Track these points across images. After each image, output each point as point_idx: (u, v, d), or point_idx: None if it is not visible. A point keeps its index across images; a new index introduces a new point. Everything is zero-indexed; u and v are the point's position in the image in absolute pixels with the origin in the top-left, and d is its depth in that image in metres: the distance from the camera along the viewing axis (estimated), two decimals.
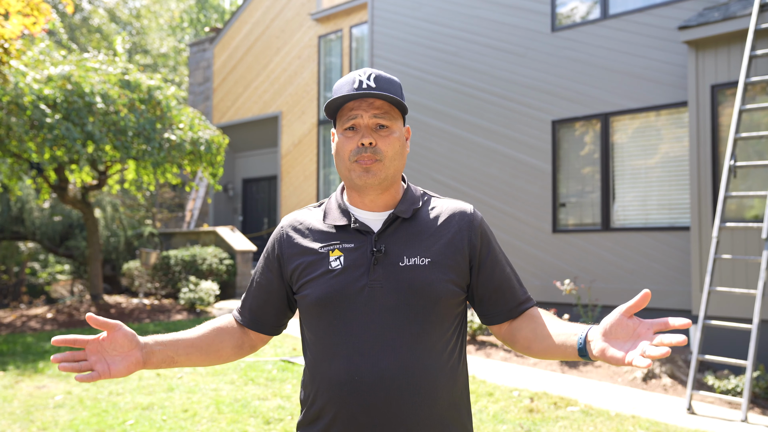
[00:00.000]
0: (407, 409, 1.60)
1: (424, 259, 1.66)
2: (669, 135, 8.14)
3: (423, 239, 1.69)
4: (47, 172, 10.82)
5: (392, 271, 1.64)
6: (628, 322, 1.43)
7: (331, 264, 1.68)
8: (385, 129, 1.68)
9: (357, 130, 1.68)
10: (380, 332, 1.62)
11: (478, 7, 9.94)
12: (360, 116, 1.67)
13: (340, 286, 1.65)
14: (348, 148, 1.68)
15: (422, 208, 1.76)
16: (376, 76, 1.68)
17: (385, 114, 1.68)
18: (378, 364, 1.60)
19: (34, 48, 10.11)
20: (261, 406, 5.54)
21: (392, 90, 1.70)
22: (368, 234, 1.69)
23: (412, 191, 1.78)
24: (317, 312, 1.68)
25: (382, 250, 1.66)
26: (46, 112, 8.96)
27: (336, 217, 1.74)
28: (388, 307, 1.63)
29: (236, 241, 12.80)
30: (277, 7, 15.76)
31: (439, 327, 1.66)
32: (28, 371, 6.99)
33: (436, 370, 1.64)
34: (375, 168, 1.66)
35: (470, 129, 9.88)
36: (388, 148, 1.67)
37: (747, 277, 6.81)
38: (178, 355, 1.71)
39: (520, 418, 5.19)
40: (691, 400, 5.58)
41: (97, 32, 26.91)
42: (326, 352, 1.66)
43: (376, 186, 1.68)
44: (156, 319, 10.23)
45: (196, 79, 18.20)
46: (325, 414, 1.65)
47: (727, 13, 7.21)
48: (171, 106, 10.67)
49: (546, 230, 8.96)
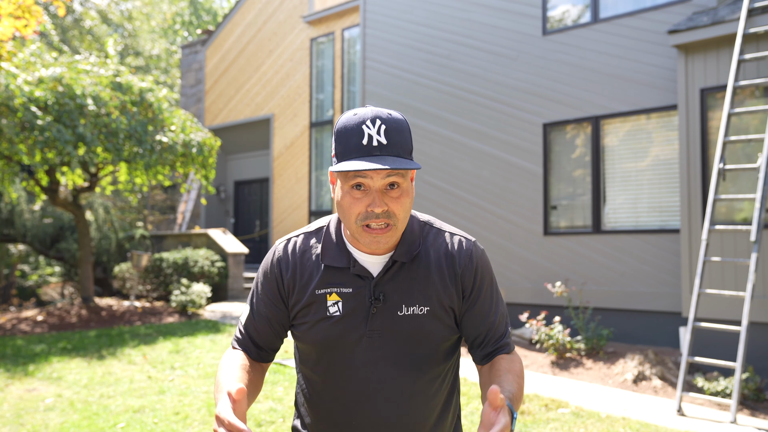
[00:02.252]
0: None
1: (423, 308, 1.61)
2: (659, 138, 8.18)
3: (422, 286, 1.63)
4: (38, 175, 10.78)
5: (391, 321, 1.60)
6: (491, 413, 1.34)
7: (329, 309, 1.62)
8: (396, 189, 1.53)
9: (366, 192, 1.52)
10: (378, 381, 1.61)
11: (471, 10, 9.97)
12: (370, 177, 1.51)
13: (338, 335, 1.61)
14: (356, 211, 1.53)
15: (422, 248, 1.67)
16: (386, 128, 1.51)
17: (397, 173, 1.52)
18: (376, 413, 1.61)
19: (25, 50, 10.07)
20: (253, 409, 5.54)
21: (403, 141, 1.54)
22: (367, 279, 1.62)
23: (412, 230, 1.67)
24: (314, 354, 1.66)
25: (380, 299, 1.60)
26: (37, 114, 8.92)
27: (334, 257, 1.65)
28: (386, 356, 1.61)
29: (228, 244, 12.78)
30: (269, 10, 15.76)
31: (437, 369, 1.66)
32: (18, 374, 6.96)
33: (434, 415, 1.67)
34: (387, 235, 1.54)
35: (462, 132, 9.91)
36: (400, 211, 1.54)
37: (736, 279, 6.86)
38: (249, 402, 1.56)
39: None
40: (680, 402, 5.61)
41: (89, 34, 26.82)
42: (324, 393, 1.66)
43: (387, 249, 1.61)
44: (147, 322, 10.20)
45: (188, 81, 18.16)
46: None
47: (716, 17, 7.26)
48: (163, 108, 10.65)
49: (537, 233, 8.99)
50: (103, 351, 8.05)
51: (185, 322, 10.15)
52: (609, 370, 6.83)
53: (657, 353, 6.97)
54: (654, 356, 6.80)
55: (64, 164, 10.14)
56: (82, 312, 10.77)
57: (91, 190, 11.50)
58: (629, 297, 8.09)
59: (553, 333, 7.23)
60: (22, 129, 8.92)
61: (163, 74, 28.76)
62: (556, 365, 7.11)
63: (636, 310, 8.05)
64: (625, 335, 7.99)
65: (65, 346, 8.34)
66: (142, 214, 17.84)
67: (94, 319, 10.42)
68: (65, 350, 8.13)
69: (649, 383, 6.40)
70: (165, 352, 7.86)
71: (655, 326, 7.85)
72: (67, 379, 6.72)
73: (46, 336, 9.17)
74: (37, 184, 10.88)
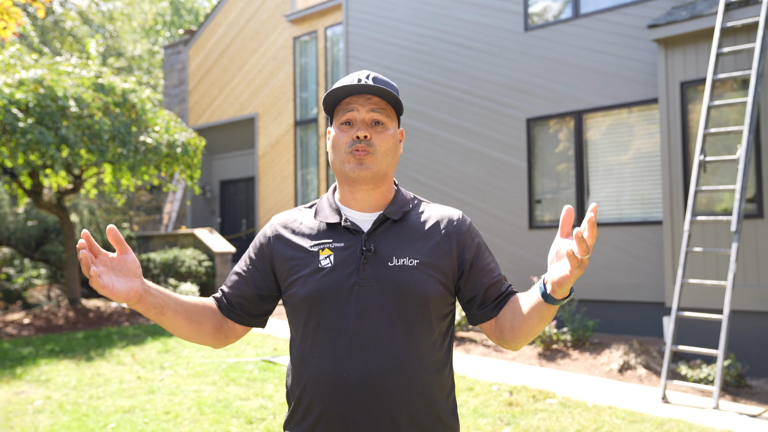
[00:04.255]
0: (394, 406, 1.61)
1: (412, 260, 1.67)
2: (641, 131, 8.27)
3: (412, 241, 1.71)
4: (21, 177, 10.71)
5: (381, 271, 1.66)
6: (565, 242, 1.50)
7: (321, 262, 1.68)
8: (380, 125, 1.72)
9: (353, 124, 1.71)
10: (369, 331, 1.63)
11: (453, 7, 10.02)
12: (356, 110, 1.71)
13: (330, 284, 1.66)
14: (343, 141, 1.71)
15: (412, 211, 1.79)
16: (374, 77, 1.73)
17: (381, 110, 1.73)
18: (366, 363, 1.61)
19: (4, 52, 10.00)
20: (243, 407, 5.56)
21: (390, 89, 1.74)
22: (358, 233, 1.70)
23: (402, 194, 1.81)
24: (306, 310, 1.68)
25: (371, 250, 1.67)
26: (19, 116, 8.86)
27: (327, 215, 1.76)
28: (376, 305, 1.64)
29: (215, 243, 12.76)
30: (251, 9, 15.72)
31: (427, 327, 1.67)
32: (5, 377, 6.92)
33: (424, 370, 1.66)
34: (368, 160, 1.68)
35: (447, 128, 9.95)
36: (381, 143, 1.71)
37: (717, 269, 6.95)
38: (168, 308, 1.65)
39: (500, 411, 5.26)
40: (665, 390, 5.69)
41: (70, 35, 26.60)
42: (314, 350, 1.66)
43: (368, 180, 1.70)
44: (135, 322, 10.17)
45: (171, 82, 18.08)
46: (312, 411, 1.66)
47: (694, 12, 7.35)
48: (146, 109, 10.61)
49: (522, 226, 9.06)
50: (91, 352, 8.02)
51: None
52: (595, 360, 6.91)
53: (641, 343, 7.06)
54: (638, 346, 6.89)
55: (47, 166, 10.07)
56: (70, 314, 10.72)
57: (75, 192, 11.43)
58: (613, 288, 8.18)
59: None
60: (3, 131, 8.86)
61: (146, 75, 28.59)
62: (543, 357, 7.18)
63: (620, 301, 8.15)
64: (610, 326, 8.08)
65: (53, 348, 8.30)
66: (127, 215, 17.75)
67: (81, 320, 10.37)
68: (53, 352, 8.10)
69: (634, 372, 6.48)
70: (154, 352, 7.85)
71: (639, 316, 7.94)
72: (55, 381, 6.70)
73: (33, 339, 9.12)
74: (20, 186, 10.80)
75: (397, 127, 1.78)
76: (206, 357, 7.53)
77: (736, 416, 5.23)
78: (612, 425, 4.87)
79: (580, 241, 1.38)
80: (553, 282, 1.49)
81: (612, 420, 5.00)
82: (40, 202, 10.92)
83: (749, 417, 5.23)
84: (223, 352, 7.72)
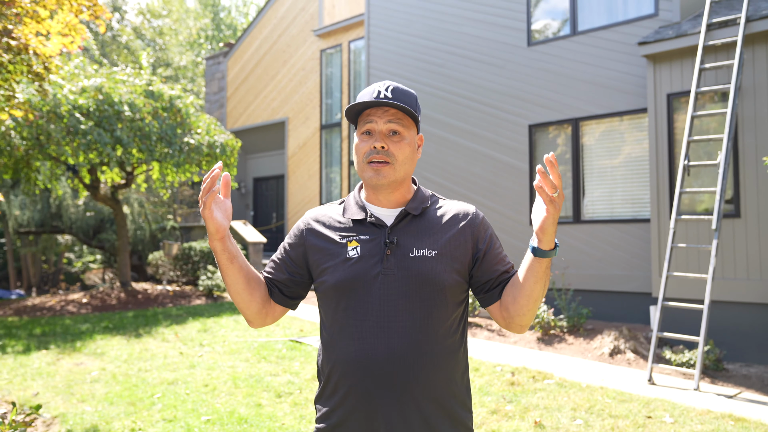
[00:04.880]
0: (414, 382, 1.60)
1: (431, 251, 1.66)
2: (631, 138, 8.15)
3: (431, 234, 1.69)
4: (82, 173, 10.78)
5: (403, 261, 1.64)
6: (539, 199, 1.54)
7: (348, 253, 1.68)
8: (397, 135, 1.69)
9: (372, 135, 1.69)
10: (392, 315, 1.62)
11: (463, 24, 9.92)
12: (375, 121, 1.68)
13: (357, 273, 1.65)
14: (363, 150, 1.69)
15: (430, 207, 1.76)
16: (393, 88, 1.69)
17: (398, 121, 1.68)
18: (389, 343, 1.60)
19: (70, 63, 10.05)
20: (273, 381, 5.55)
21: (407, 101, 1.70)
22: (382, 227, 1.69)
23: (422, 192, 1.79)
24: (335, 296, 1.68)
25: (394, 242, 1.66)
26: (81, 119, 8.92)
27: (354, 212, 1.74)
28: (399, 292, 1.63)
29: (248, 234, 12.78)
30: (283, 25, 15.68)
31: (444, 312, 1.66)
32: (67, 350, 6.98)
33: (441, 350, 1.64)
34: (385, 170, 1.66)
35: (456, 132, 9.87)
36: (398, 153, 1.68)
37: (699, 263, 6.85)
38: (237, 260, 1.67)
39: (503, 390, 5.21)
40: (651, 372, 5.61)
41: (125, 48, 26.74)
42: (342, 333, 1.66)
43: (386, 186, 1.69)
44: (178, 304, 10.22)
45: (211, 89, 18.11)
46: (341, 388, 1.65)
47: (680, 31, 7.22)
48: (190, 114, 10.63)
49: (524, 222, 8.97)
50: (140, 330, 8.07)
51: (211, 304, 10.17)
52: (588, 345, 6.83)
53: (630, 329, 6.97)
54: (628, 332, 6.81)
55: (103, 164, 10.13)
56: (121, 295, 10.80)
57: (127, 187, 11.49)
58: (605, 279, 8.08)
59: (539, 312, 7.23)
60: (68, 133, 8.92)
61: (190, 83, 28.67)
62: (541, 341, 7.12)
63: (612, 291, 8.05)
64: (602, 314, 7.99)
65: (107, 326, 8.37)
66: (171, 207, 17.84)
67: (131, 301, 10.44)
68: (107, 329, 8.16)
69: (624, 356, 6.40)
70: (194, 331, 7.88)
71: (628, 305, 7.85)
72: (109, 355, 6.74)
73: (90, 316, 9.20)
74: (81, 181, 10.88)
75: (416, 134, 1.74)
76: (240, 336, 7.54)
77: (714, 397, 5.14)
78: (604, 404, 4.81)
79: (543, 175, 1.43)
80: (536, 230, 1.51)
81: (603, 399, 4.93)
82: (97, 195, 10.99)
83: (726, 398, 5.15)
84: (255, 332, 7.73)
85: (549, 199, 1.46)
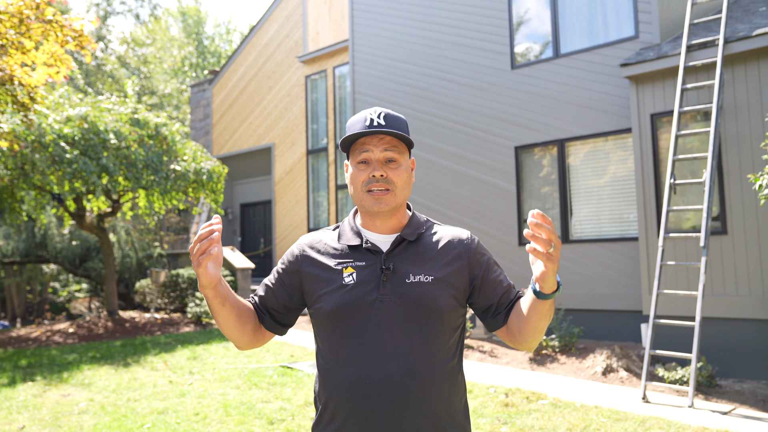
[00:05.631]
0: (413, 408, 1.58)
1: (428, 277, 1.65)
2: (616, 157, 8.23)
3: (426, 260, 1.68)
4: (67, 202, 10.68)
5: (400, 287, 1.63)
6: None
7: (344, 279, 1.66)
8: (394, 162, 1.68)
9: (369, 164, 1.68)
10: (389, 341, 1.60)
11: (446, 48, 10.03)
12: (371, 150, 1.67)
13: (353, 300, 1.63)
14: (360, 179, 1.68)
15: (425, 232, 1.76)
16: (385, 114, 1.69)
17: (393, 148, 1.68)
18: (387, 369, 1.58)
19: (55, 93, 10.01)
20: (265, 408, 5.47)
21: (400, 127, 1.70)
22: (378, 253, 1.68)
23: (417, 217, 1.78)
24: (331, 322, 1.66)
25: (390, 268, 1.65)
26: (66, 148, 8.86)
27: (349, 238, 1.73)
28: (395, 318, 1.61)
29: (236, 260, 12.68)
30: (268, 51, 15.78)
31: (441, 337, 1.64)
32: (54, 381, 6.84)
33: (439, 375, 1.63)
34: (386, 198, 1.67)
35: (443, 155, 9.92)
36: (397, 179, 1.68)
37: (688, 280, 6.89)
38: (227, 301, 1.64)
39: (497, 411, 5.17)
40: (645, 390, 5.60)
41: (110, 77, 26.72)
42: (339, 360, 1.64)
43: (387, 213, 1.69)
44: (166, 332, 10.08)
45: (197, 116, 18.11)
46: (339, 415, 1.63)
47: (660, 52, 7.35)
48: (176, 141, 10.60)
49: (513, 243, 8.99)
50: (128, 359, 7.94)
51: (200, 331, 10.05)
52: (581, 364, 6.81)
53: (622, 348, 6.97)
54: (620, 350, 6.80)
55: (89, 192, 10.05)
56: (108, 324, 10.64)
57: (113, 215, 11.39)
58: (596, 298, 8.10)
59: None
60: (53, 162, 8.85)
61: (175, 110, 28.66)
62: (533, 361, 7.09)
63: (602, 310, 8.06)
64: (593, 332, 7.98)
65: (94, 355, 8.22)
66: (158, 235, 17.69)
67: (119, 330, 10.28)
68: (95, 359, 8.02)
69: (617, 375, 6.39)
70: (183, 359, 7.77)
71: (619, 324, 7.85)
72: (97, 385, 6.62)
73: (77, 346, 9.04)
74: (66, 210, 10.78)
75: (408, 158, 1.74)
76: (230, 363, 7.44)
77: (709, 414, 5.14)
78: (599, 423, 4.78)
79: (531, 238, 1.42)
80: (536, 279, 1.50)
81: (599, 419, 4.90)
82: (83, 224, 10.88)
83: (721, 414, 5.14)
84: (245, 358, 7.63)
85: (546, 257, 1.42)
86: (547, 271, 1.46)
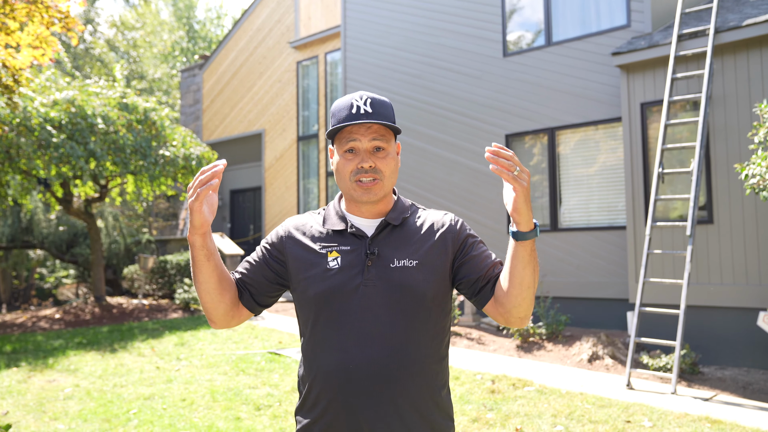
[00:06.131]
0: (397, 393, 1.59)
1: (412, 261, 1.65)
2: (606, 146, 8.27)
3: (411, 244, 1.68)
4: (54, 187, 10.62)
5: (384, 272, 1.63)
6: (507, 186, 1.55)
7: (329, 264, 1.66)
8: (382, 151, 1.67)
9: (356, 153, 1.67)
10: (373, 325, 1.61)
11: (439, 35, 10.01)
12: (359, 140, 1.66)
13: (337, 284, 1.63)
14: (348, 169, 1.66)
15: (410, 217, 1.75)
16: (371, 100, 1.66)
17: (381, 137, 1.67)
18: (371, 354, 1.59)
19: (41, 76, 9.92)
20: (252, 394, 5.50)
21: (386, 113, 1.68)
22: (363, 238, 1.68)
23: (401, 202, 1.78)
24: (315, 307, 1.66)
25: (375, 253, 1.65)
26: (53, 132, 8.80)
27: (334, 222, 1.73)
28: (380, 303, 1.62)
29: (226, 246, 12.66)
30: (259, 37, 15.68)
31: (426, 322, 1.65)
32: (39, 367, 6.84)
33: (423, 360, 1.63)
34: (375, 188, 1.66)
35: (434, 143, 9.93)
36: (385, 168, 1.67)
37: (674, 269, 6.95)
38: (213, 258, 1.63)
39: (483, 398, 5.22)
40: (629, 377, 5.67)
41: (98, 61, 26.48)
42: (323, 344, 1.64)
43: (376, 201, 1.69)
44: (154, 318, 10.08)
45: (187, 102, 18.00)
46: (322, 399, 1.63)
47: (651, 41, 7.37)
48: (165, 126, 10.55)
49: (503, 231, 9.03)
50: (115, 345, 7.94)
51: (188, 317, 10.05)
52: (567, 351, 6.88)
53: (608, 335, 7.04)
54: (605, 338, 6.87)
55: (76, 177, 9.99)
56: (95, 310, 10.62)
57: (101, 200, 11.34)
58: (583, 286, 8.16)
59: None
60: (39, 146, 8.79)
61: (165, 95, 28.46)
62: (520, 348, 7.15)
63: (589, 298, 8.13)
64: (580, 320, 8.06)
65: (81, 341, 8.22)
66: (147, 221, 17.63)
67: (106, 316, 10.27)
68: (81, 345, 8.01)
69: (602, 362, 6.46)
70: (171, 345, 7.78)
71: (606, 312, 7.92)
72: (83, 371, 6.62)
73: (64, 332, 9.03)
74: (53, 195, 10.72)
75: (395, 143, 1.73)
76: (218, 350, 7.46)
77: (691, 400, 5.21)
78: (584, 409, 4.84)
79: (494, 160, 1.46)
80: (511, 213, 1.51)
81: (583, 405, 4.96)
82: (70, 209, 10.83)
83: (702, 400, 5.21)
84: (233, 345, 7.65)
85: (512, 178, 1.46)
86: (518, 195, 1.48)
